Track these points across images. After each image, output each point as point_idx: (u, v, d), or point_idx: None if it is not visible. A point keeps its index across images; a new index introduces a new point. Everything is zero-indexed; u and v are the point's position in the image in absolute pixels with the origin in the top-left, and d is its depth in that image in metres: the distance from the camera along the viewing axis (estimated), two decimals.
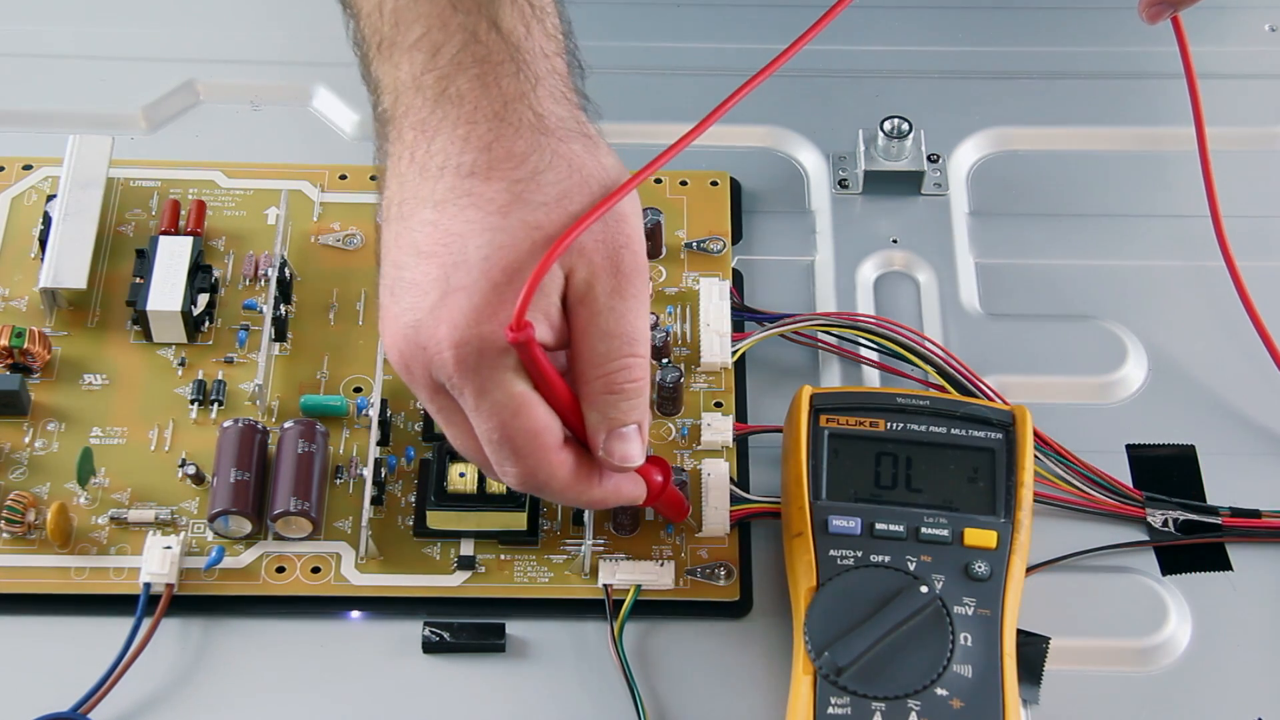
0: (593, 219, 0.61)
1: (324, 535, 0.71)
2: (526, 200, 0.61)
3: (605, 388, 0.62)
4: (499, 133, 0.62)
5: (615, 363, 0.62)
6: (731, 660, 0.69)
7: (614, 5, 0.90)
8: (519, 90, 0.62)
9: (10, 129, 0.84)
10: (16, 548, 0.70)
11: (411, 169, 0.62)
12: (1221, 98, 0.85)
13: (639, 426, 0.64)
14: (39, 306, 0.77)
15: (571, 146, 0.62)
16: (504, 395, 0.61)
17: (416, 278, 0.61)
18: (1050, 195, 0.84)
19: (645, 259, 0.63)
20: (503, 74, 0.63)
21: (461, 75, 0.62)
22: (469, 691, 0.68)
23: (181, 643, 0.69)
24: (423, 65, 0.63)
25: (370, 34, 0.65)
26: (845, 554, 0.67)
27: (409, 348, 0.62)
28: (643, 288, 0.63)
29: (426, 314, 0.61)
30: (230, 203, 0.80)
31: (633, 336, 0.62)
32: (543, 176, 0.61)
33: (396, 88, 0.64)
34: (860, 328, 0.76)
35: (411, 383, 0.63)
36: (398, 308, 0.62)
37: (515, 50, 0.63)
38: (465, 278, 0.60)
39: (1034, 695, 0.67)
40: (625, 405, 0.63)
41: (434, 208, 0.61)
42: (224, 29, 0.88)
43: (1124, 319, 0.79)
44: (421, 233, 0.61)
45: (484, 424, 0.62)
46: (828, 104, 0.86)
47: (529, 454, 0.62)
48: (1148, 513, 0.73)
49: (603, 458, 0.64)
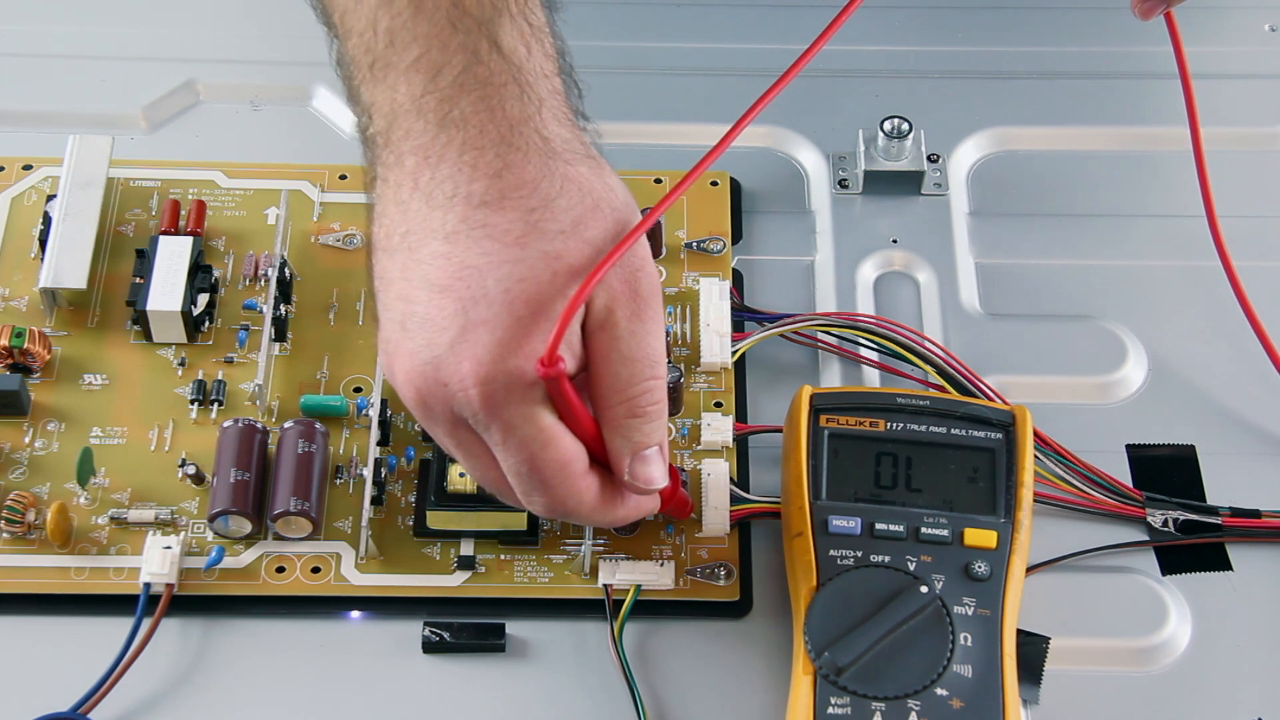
0: (622, 252, 0.60)
1: (324, 535, 0.71)
2: (543, 229, 0.60)
3: (629, 412, 0.62)
4: (508, 159, 0.60)
5: (637, 386, 0.62)
6: (731, 660, 0.69)
7: (614, 5, 0.90)
8: (524, 113, 0.61)
9: (10, 129, 0.84)
10: (16, 548, 0.70)
11: (416, 196, 0.61)
12: (1221, 98, 0.85)
13: (660, 447, 0.63)
14: (39, 306, 0.77)
15: (579, 170, 0.62)
16: (533, 429, 0.60)
17: (431, 313, 0.60)
18: (1050, 195, 0.84)
19: (658, 279, 0.63)
20: (507, 96, 0.61)
21: (464, 98, 0.61)
22: (469, 691, 0.68)
23: (181, 643, 0.69)
24: (423, 87, 0.61)
25: (361, 54, 0.63)
26: (845, 554, 0.67)
27: (427, 385, 0.60)
28: (659, 309, 0.62)
29: (446, 350, 0.60)
30: (230, 203, 0.80)
31: (653, 359, 0.62)
32: (556, 204, 0.60)
33: (393, 110, 0.62)
34: (860, 328, 0.76)
35: (428, 418, 0.62)
36: (412, 344, 0.61)
37: (518, 71, 0.62)
38: (486, 312, 0.59)
39: (1034, 695, 0.67)
40: (648, 428, 0.63)
41: (445, 239, 0.60)
42: (224, 29, 0.88)
43: (1124, 319, 0.79)
44: (433, 265, 0.60)
45: (512, 458, 0.61)
46: (828, 104, 0.86)
47: (558, 484, 0.62)
48: (1148, 513, 0.73)
49: (628, 482, 0.63)
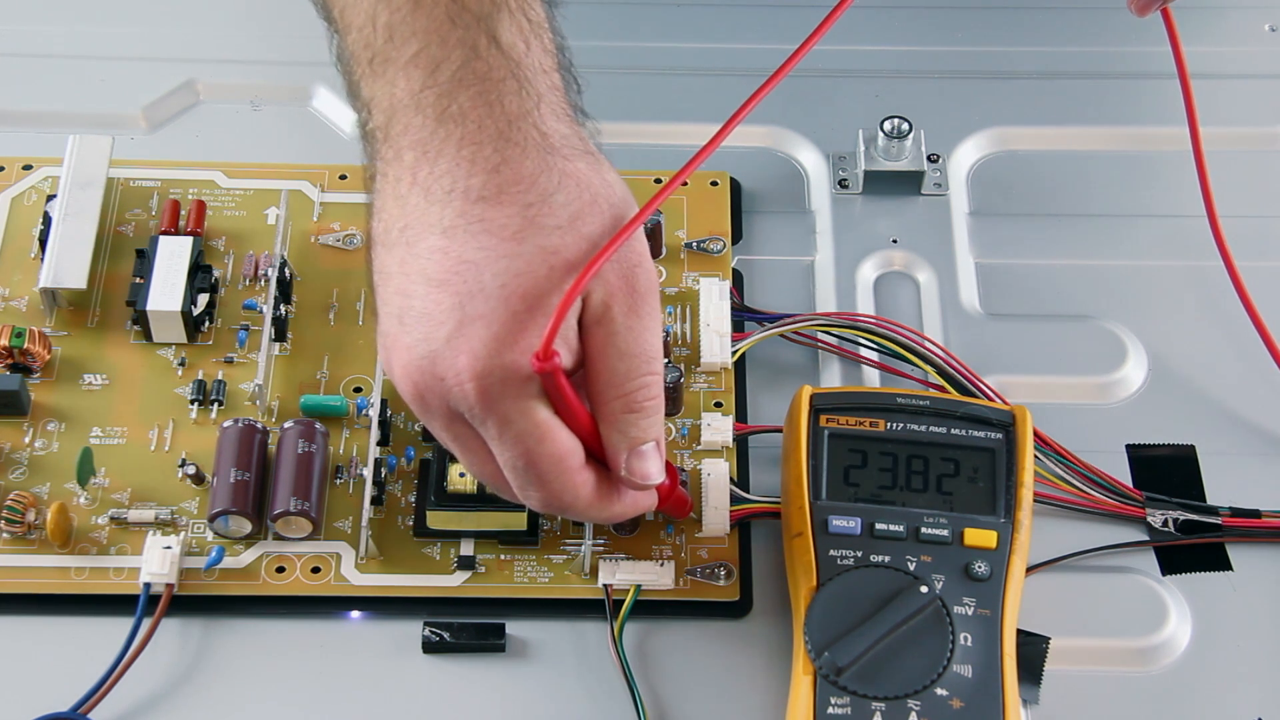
0: (616, 246, 0.60)
1: (324, 535, 0.71)
2: (540, 224, 0.60)
3: (625, 407, 0.62)
4: (505, 154, 0.61)
5: (634, 382, 0.62)
6: (731, 660, 0.69)
7: (614, 5, 0.90)
8: (523, 109, 0.61)
9: (10, 129, 0.84)
10: (16, 548, 0.70)
11: (414, 191, 0.61)
12: (1221, 98, 0.85)
13: (657, 443, 0.63)
14: (39, 306, 0.77)
15: (577, 165, 0.62)
16: (529, 423, 0.61)
17: (428, 307, 0.60)
18: (1050, 195, 0.84)
19: (656, 275, 0.63)
20: (505, 92, 0.61)
21: (463, 93, 0.61)
22: (469, 691, 0.68)
23: (181, 643, 0.69)
24: (421, 82, 0.61)
25: (360, 49, 0.63)
26: (845, 554, 0.67)
27: (424, 379, 0.61)
28: (656, 305, 0.62)
29: (443, 344, 0.60)
30: (230, 203, 0.80)
31: (650, 355, 0.62)
32: (554, 199, 0.60)
33: (392, 105, 0.62)
34: (860, 328, 0.76)
35: (425, 412, 0.62)
36: (409, 338, 0.61)
37: (516, 67, 0.62)
38: (483, 306, 0.59)
39: (1034, 695, 0.67)
40: (645, 423, 0.63)
41: (443, 234, 0.60)
42: (224, 29, 0.88)
43: (1124, 319, 0.79)
44: (431, 260, 0.60)
45: (508, 452, 0.61)
46: (828, 104, 0.86)
47: (554, 478, 0.62)
48: (1148, 513, 0.73)
49: (625, 477, 0.63)
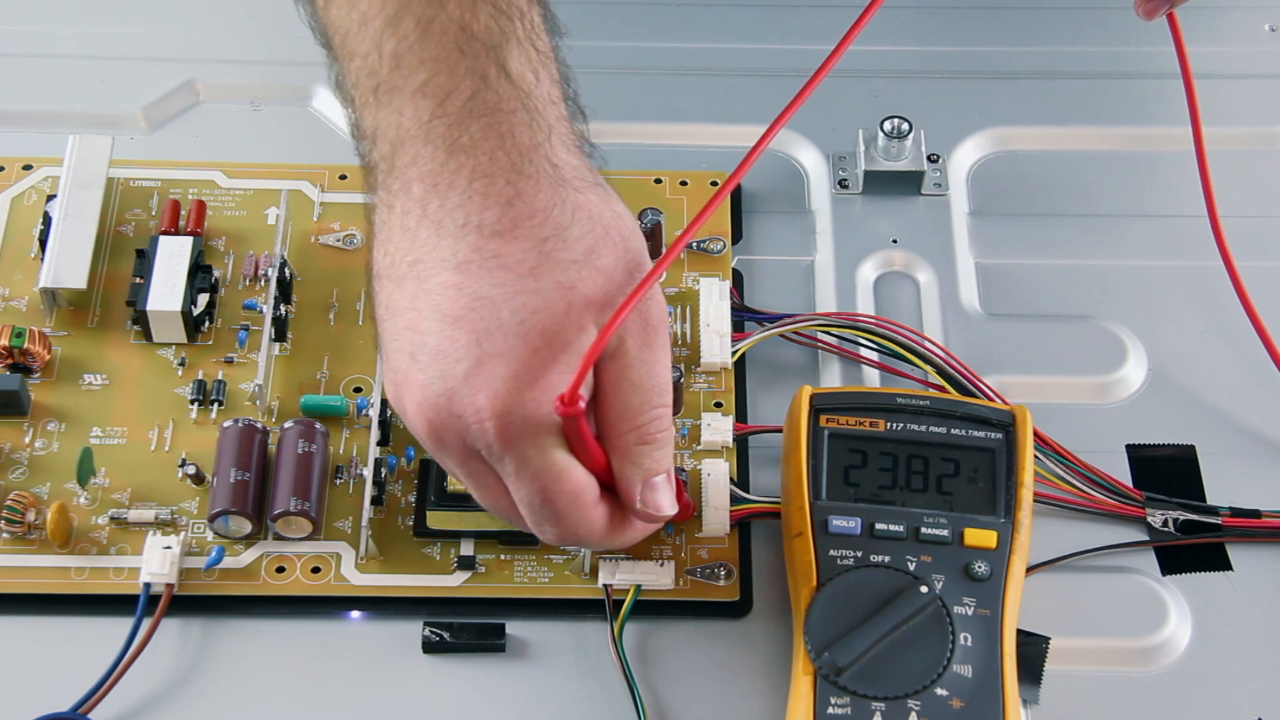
0: (645, 289, 0.59)
1: (324, 535, 0.71)
2: (556, 259, 0.60)
3: (639, 439, 0.62)
4: (519, 187, 0.60)
5: (647, 414, 0.62)
6: (731, 660, 0.69)
7: (614, 5, 0.90)
8: (534, 140, 0.61)
9: (10, 129, 0.84)
10: (16, 548, 0.70)
11: (424, 225, 0.60)
12: (1221, 98, 0.85)
13: (668, 474, 0.63)
14: (39, 306, 0.77)
15: (589, 197, 0.61)
16: (547, 462, 0.60)
17: (443, 344, 0.59)
18: (1050, 195, 0.84)
19: (665, 307, 0.63)
20: (516, 123, 0.61)
21: (474, 124, 0.60)
22: (469, 691, 0.68)
23: (181, 643, 0.69)
24: (430, 112, 0.61)
25: (364, 77, 0.62)
26: (845, 554, 0.67)
27: (441, 416, 0.60)
28: (666, 335, 0.62)
29: (460, 382, 0.59)
30: (230, 203, 0.80)
31: (662, 387, 0.62)
32: (568, 233, 0.60)
33: (399, 135, 0.61)
34: (860, 328, 0.76)
35: (440, 449, 0.62)
36: (424, 375, 0.60)
37: (526, 97, 0.61)
38: (501, 344, 0.59)
39: (1034, 695, 0.67)
40: (658, 454, 0.62)
41: (456, 269, 0.59)
42: (224, 29, 0.88)
43: (1124, 319, 0.79)
44: (444, 296, 0.60)
45: (525, 489, 0.61)
46: (828, 104, 0.86)
47: (570, 515, 0.62)
48: (1148, 513, 0.73)
49: (640, 509, 0.63)
